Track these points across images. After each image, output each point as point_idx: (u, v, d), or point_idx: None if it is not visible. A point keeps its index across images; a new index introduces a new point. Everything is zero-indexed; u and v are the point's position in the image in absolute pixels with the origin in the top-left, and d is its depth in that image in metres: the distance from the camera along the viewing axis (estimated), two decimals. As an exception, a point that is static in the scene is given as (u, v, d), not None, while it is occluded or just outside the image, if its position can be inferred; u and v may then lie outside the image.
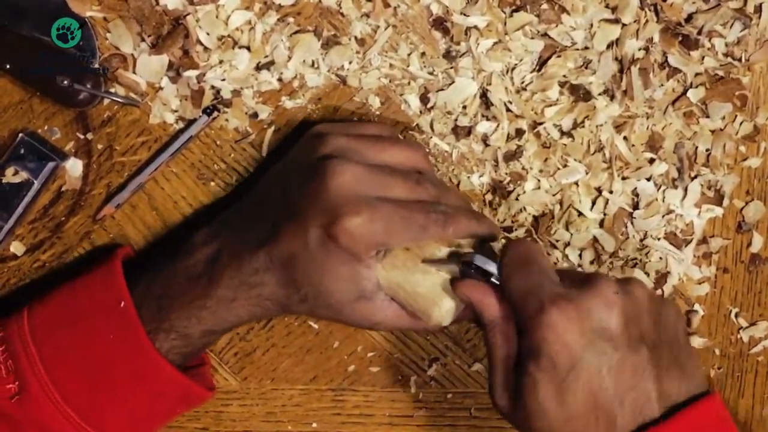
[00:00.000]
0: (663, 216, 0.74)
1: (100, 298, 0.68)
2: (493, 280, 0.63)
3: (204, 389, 0.70)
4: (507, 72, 0.72)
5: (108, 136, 0.74)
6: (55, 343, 0.67)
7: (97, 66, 0.71)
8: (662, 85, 0.72)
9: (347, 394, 0.78)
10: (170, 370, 0.67)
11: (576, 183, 0.73)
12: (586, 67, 0.72)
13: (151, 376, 0.67)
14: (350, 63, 0.72)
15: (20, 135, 0.73)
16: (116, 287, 0.68)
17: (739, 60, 0.72)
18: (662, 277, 0.75)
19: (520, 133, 0.73)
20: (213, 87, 0.72)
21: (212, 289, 0.67)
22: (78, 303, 0.69)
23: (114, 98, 0.72)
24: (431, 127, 0.73)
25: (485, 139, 0.73)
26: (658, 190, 0.74)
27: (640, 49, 0.72)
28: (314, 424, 0.78)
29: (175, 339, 0.68)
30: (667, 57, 0.72)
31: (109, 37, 0.72)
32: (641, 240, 0.75)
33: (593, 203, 0.74)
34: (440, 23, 0.72)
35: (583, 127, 0.72)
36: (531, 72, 0.72)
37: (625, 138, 0.73)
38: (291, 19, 0.72)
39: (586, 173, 0.73)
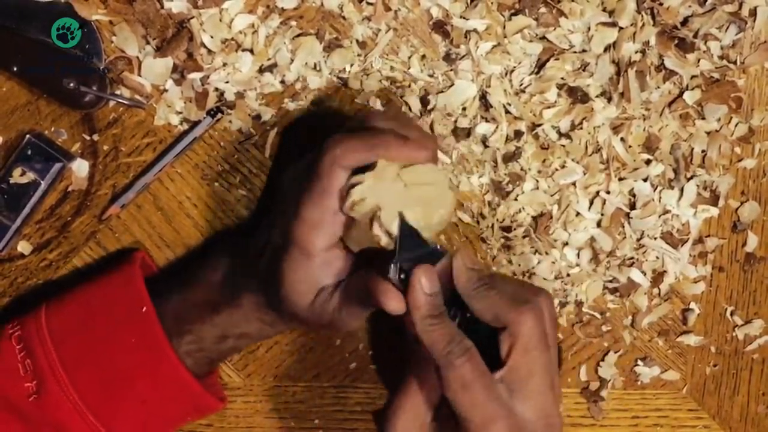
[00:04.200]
0: (659, 216, 0.75)
1: (121, 303, 0.69)
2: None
3: (216, 400, 0.71)
4: (506, 74, 0.73)
5: (113, 137, 0.75)
6: (74, 345, 0.68)
7: (102, 68, 0.72)
8: (659, 87, 0.73)
9: (349, 391, 0.79)
10: (187, 377, 0.68)
11: (574, 183, 0.74)
12: (583, 70, 0.73)
13: (169, 380, 0.68)
14: (352, 65, 0.73)
15: (27, 136, 0.73)
16: (137, 293, 0.68)
17: (735, 63, 0.73)
18: (659, 276, 0.76)
19: (518, 134, 0.73)
20: (217, 89, 0.73)
21: (227, 297, 0.68)
22: (97, 306, 0.69)
23: (119, 100, 0.73)
24: (431, 128, 0.73)
25: (484, 141, 0.74)
26: (654, 190, 0.74)
27: (636, 52, 0.72)
28: (316, 421, 0.79)
29: (191, 343, 0.69)
30: (663, 60, 0.72)
31: (115, 40, 0.72)
32: (638, 240, 0.75)
33: (591, 203, 0.74)
34: (440, 26, 0.73)
35: (581, 128, 0.73)
36: (529, 74, 0.73)
37: (622, 139, 0.73)
38: (293, 23, 0.73)
39: (584, 174, 0.74)
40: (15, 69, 0.72)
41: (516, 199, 0.74)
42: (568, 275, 0.76)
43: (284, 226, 0.64)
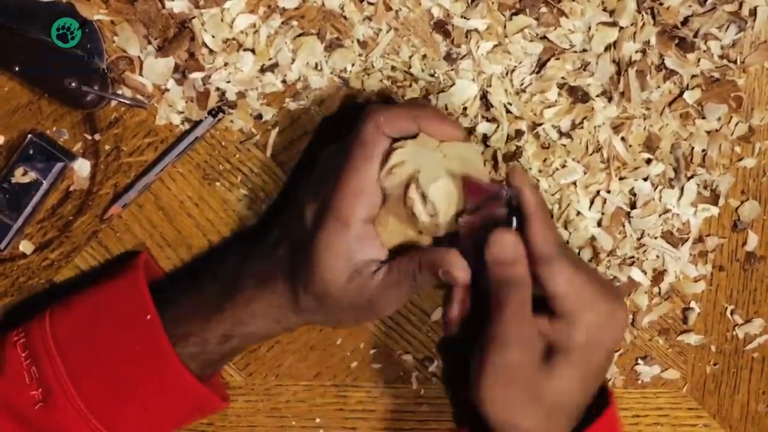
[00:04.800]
0: (660, 215, 0.75)
1: (125, 310, 0.69)
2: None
3: (219, 400, 0.71)
4: (507, 74, 0.73)
5: (115, 137, 0.75)
6: (80, 352, 0.68)
7: (103, 67, 0.72)
8: (659, 86, 0.73)
9: (350, 390, 0.79)
10: (193, 382, 0.68)
11: (574, 183, 0.74)
12: (584, 69, 0.73)
13: (174, 386, 0.68)
14: (353, 65, 0.73)
15: (29, 136, 0.74)
16: (141, 299, 0.68)
17: (735, 62, 0.73)
18: (659, 275, 0.76)
19: (519, 134, 0.74)
20: (218, 89, 0.73)
21: (234, 293, 0.68)
22: (102, 313, 0.69)
23: (121, 100, 0.73)
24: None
25: (485, 140, 0.74)
26: (655, 189, 0.75)
27: (637, 52, 0.72)
28: (317, 420, 0.79)
29: (194, 345, 0.68)
30: (663, 59, 0.72)
31: (117, 40, 0.72)
32: (638, 239, 0.75)
33: (591, 203, 0.75)
34: (441, 26, 0.73)
35: (582, 128, 0.73)
36: (530, 74, 0.73)
37: (622, 139, 0.74)
38: (295, 23, 0.73)
39: (585, 173, 0.74)
40: (17, 69, 0.72)
41: (517, 199, 0.75)
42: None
43: (320, 201, 0.65)
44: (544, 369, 0.64)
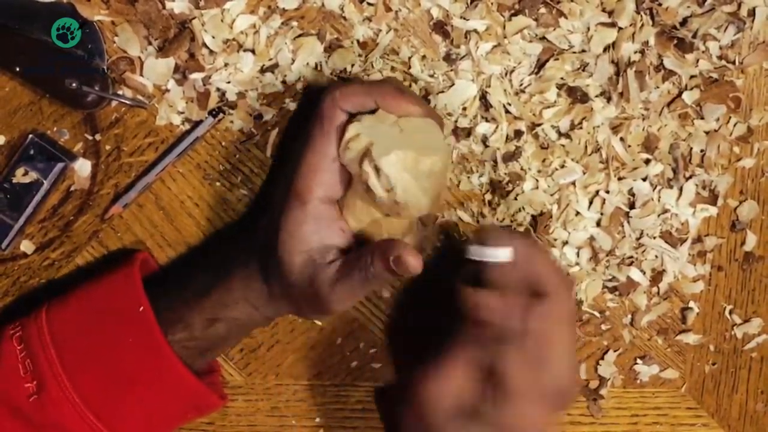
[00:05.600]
0: (659, 215, 0.75)
1: (119, 303, 0.69)
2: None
3: (216, 397, 0.72)
4: (506, 74, 0.73)
5: (116, 137, 0.75)
6: (75, 345, 0.68)
7: (104, 68, 0.73)
8: (658, 87, 0.73)
9: (350, 390, 0.79)
10: (185, 374, 0.68)
11: (573, 183, 0.75)
12: (583, 70, 0.73)
13: (168, 378, 0.68)
14: (352, 66, 0.74)
15: (30, 136, 0.74)
16: (135, 292, 0.69)
17: (733, 63, 0.73)
18: (658, 275, 0.77)
19: (518, 134, 0.74)
20: (218, 89, 0.73)
21: (218, 278, 0.69)
22: (97, 306, 0.70)
23: (121, 100, 0.73)
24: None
25: (485, 140, 0.74)
26: (653, 189, 0.75)
27: (636, 52, 0.73)
28: (318, 419, 0.79)
29: (182, 331, 0.69)
30: (662, 60, 0.73)
31: (117, 40, 0.73)
32: (637, 239, 0.76)
33: (590, 203, 0.75)
34: (440, 27, 0.73)
35: (581, 128, 0.74)
36: (529, 74, 0.73)
37: (621, 139, 0.74)
38: (295, 23, 0.73)
39: (584, 173, 0.74)
40: (18, 69, 0.72)
41: (516, 199, 0.75)
42: (568, 274, 0.76)
43: (286, 182, 0.66)
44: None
